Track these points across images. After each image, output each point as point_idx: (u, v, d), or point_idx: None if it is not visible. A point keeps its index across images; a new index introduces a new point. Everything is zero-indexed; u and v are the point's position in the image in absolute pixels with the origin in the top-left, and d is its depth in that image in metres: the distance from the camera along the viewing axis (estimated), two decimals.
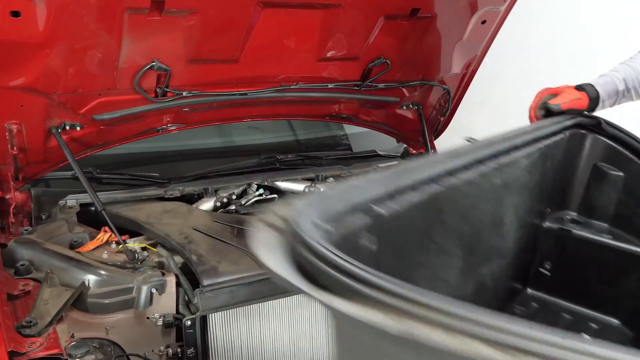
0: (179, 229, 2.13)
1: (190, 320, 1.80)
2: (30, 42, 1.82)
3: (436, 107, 3.04)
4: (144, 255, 2.03)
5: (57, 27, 1.82)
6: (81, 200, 2.32)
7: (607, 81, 2.06)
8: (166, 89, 2.30)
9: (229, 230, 2.20)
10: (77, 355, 1.49)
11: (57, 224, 2.12)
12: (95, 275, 1.84)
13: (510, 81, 4.08)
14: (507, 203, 1.78)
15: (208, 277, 1.88)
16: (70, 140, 2.24)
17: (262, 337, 1.97)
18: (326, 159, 2.99)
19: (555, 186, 2.05)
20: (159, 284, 1.88)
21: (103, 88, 2.20)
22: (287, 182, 2.75)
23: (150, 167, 2.69)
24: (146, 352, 1.91)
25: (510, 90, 4.11)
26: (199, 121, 2.62)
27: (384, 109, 3.04)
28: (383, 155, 3.16)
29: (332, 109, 2.94)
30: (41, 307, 1.64)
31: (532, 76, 3.97)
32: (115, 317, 1.84)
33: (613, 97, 2.07)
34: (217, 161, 2.79)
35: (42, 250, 1.89)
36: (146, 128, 2.49)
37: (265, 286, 1.92)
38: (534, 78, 3.95)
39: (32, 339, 1.49)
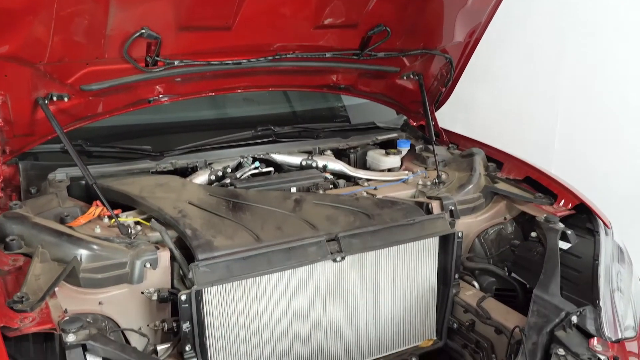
0: (172, 202, 2.14)
1: (185, 294, 1.82)
2: (11, 7, 1.80)
3: (438, 77, 3.02)
4: (137, 229, 2.05)
5: None
6: (71, 174, 2.33)
7: None
8: (157, 58, 2.29)
9: (224, 204, 2.21)
10: (70, 330, 1.50)
11: (46, 198, 2.13)
12: (88, 250, 1.86)
13: (515, 50, 4.06)
14: None
15: (203, 251, 1.90)
16: (58, 112, 2.23)
17: (259, 312, 2.00)
18: (323, 131, 3.00)
19: None
20: (153, 258, 1.90)
21: (91, 57, 2.18)
22: (284, 155, 2.76)
23: (142, 140, 2.68)
24: (141, 327, 1.94)
25: (516, 60, 4.11)
26: (192, 92, 2.61)
27: (383, 79, 3.04)
28: (382, 128, 3.17)
29: (329, 79, 2.94)
30: (33, 282, 1.65)
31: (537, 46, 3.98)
32: (109, 292, 1.87)
33: None
34: (211, 133, 2.79)
35: (32, 224, 1.90)
36: (137, 99, 2.49)
37: (262, 260, 1.94)
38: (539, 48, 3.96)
39: (24, 314, 1.50)
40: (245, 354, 2.01)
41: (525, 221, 2.57)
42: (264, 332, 2.03)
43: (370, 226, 2.15)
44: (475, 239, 2.57)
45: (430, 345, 2.39)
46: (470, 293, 2.39)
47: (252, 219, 2.12)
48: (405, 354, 2.33)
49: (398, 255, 2.23)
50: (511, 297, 2.35)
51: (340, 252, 2.05)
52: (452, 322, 2.38)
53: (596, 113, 3.78)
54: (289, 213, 2.18)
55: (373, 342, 2.28)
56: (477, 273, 2.49)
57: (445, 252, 2.32)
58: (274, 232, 2.05)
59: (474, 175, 2.59)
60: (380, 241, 2.14)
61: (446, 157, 2.88)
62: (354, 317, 2.20)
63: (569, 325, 1.89)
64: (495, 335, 2.21)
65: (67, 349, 1.48)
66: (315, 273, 2.07)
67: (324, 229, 2.10)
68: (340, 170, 2.76)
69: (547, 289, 2.01)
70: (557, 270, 2.08)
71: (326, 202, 2.30)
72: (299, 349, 2.12)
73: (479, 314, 2.27)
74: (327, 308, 2.13)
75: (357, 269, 2.15)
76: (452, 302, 2.37)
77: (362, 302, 2.21)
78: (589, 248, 2.17)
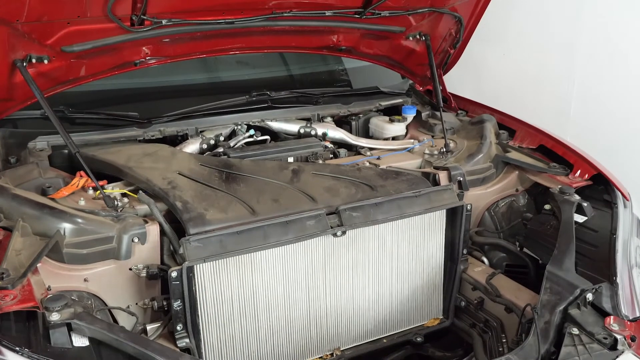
0: (161, 173, 2.13)
1: (176, 271, 1.82)
2: None
3: (446, 38, 2.99)
4: (123, 202, 2.04)
5: None
6: (53, 142, 2.31)
7: None
8: (143, 17, 2.25)
9: (217, 175, 2.20)
10: (54, 309, 1.51)
11: (27, 168, 2.12)
12: (71, 224, 1.85)
13: (529, 8, 4.00)
14: None
15: (195, 225, 1.89)
16: (38, 75, 2.21)
17: (255, 290, 2.01)
18: (323, 96, 2.97)
19: None
20: (141, 232, 1.90)
21: (72, 15, 2.15)
22: (281, 122, 2.75)
23: (128, 106, 2.67)
24: (129, 305, 1.95)
25: (529, 19, 4.05)
26: (181, 54, 2.58)
27: (387, 40, 3.00)
28: (386, 93, 3.14)
29: (329, 40, 2.90)
30: (13, 257, 1.65)
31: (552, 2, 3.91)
32: (95, 269, 1.87)
33: None
34: (202, 99, 2.77)
35: (12, 196, 1.89)
36: (122, 61, 2.46)
37: (257, 235, 1.94)
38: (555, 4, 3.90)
39: (4, 292, 1.50)
40: (240, 333, 2.02)
41: (538, 193, 2.56)
42: (259, 311, 2.04)
43: (373, 198, 2.14)
44: (485, 212, 2.57)
45: (437, 325, 2.41)
46: (479, 269, 2.40)
47: (247, 190, 2.11)
48: (410, 333, 2.35)
49: (403, 229, 2.23)
50: (523, 273, 2.36)
51: (340, 226, 2.05)
52: (459, 300, 2.39)
53: (617, 76, 3.74)
54: (286, 184, 2.17)
55: (376, 322, 2.29)
56: (487, 248, 2.50)
57: (453, 226, 2.32)
58: (270, 204, 2.04)
59: (484, 144, 2.57)
60: (383, 214, 2.13)
61: (454, 125, 2.86)
62: (356, 295, 2.21)
63: (583, 303, 1.90)
64: (505, 314, 2.22)
65: (51, 328, 1.49)
66: (314, 248, 2.07)
67: (324, 202, 2.09)
68: (341, 138, 2.74)
69: (561, 265, 2.02)
70: (572, 245, 2.08)
71: (326, 172, 2.29)
72: (297, 328, 2.13)
73: (488, 291, 2.28)
74: (327, 286, 2.14)
75: (359, 244, 2.15)
76: (459, 279, 2.38)
77: (364, 279, 2.21)
78: (606, 221, 2.17)
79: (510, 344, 2.13)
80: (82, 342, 1.51)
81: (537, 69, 4.12)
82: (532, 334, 1.87)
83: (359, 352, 2.25)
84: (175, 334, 1.87)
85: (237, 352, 2.04)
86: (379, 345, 2.30)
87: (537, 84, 4.14)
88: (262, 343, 2.07)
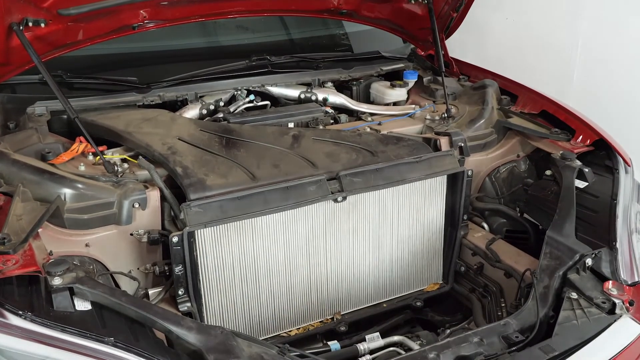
0: (161, 138, 2.12)
1: (177, 236, 1.82)
2: None
3: (449, 1, 2.94)
4: (123, 167, 2.03)
5: None
6: (51, 107, 2.30)
7: None
8: None
9: (217, 140, 2.19)
10: (56, 273, 1.51)
11: (26, 133, 2.11)
12: (72, 189, 1.85)
13: None
14: None
15: (195, 190, 1.89)
16: (35, 39, 2.18)
17: (255, 255, 2.02)
18: (324, 61, 2.95)
19: None
20: (142, 198, 1.90)
21: None
22: (281, 87, 2.73)
23: (127, 71, 2.64)
24: (131, 270, 1.96)
25: None
26: (180, 17, 2.55)
27: (389, 3, 2.95)
28: (387, 57, 3.11)
29: (330, 3, 2.85)
30: (14, 222, 1.65)
31: None
32: (96, 234, 1.88)
33: None
34: (201, 64, 2.74)
35: (12, 162, 1.88)
36: (120, 25, 2.43)
37: (258, 200, 1.94)
38: None
39: (6, 256, 1.51)
40: (241, 298, 2.04)
41: (539, 158, 2.56)
42: (260, 276, 2.05)
43: (373, 164, 2.13)
44: (486, 178, 2.57)
45: (436, 290, 2.43)
46: (479, 235, 2.41)
47: (247, 156, 2.10)
48: (410, 298, 2.37)
49: (403, 195, 2.23)
50: (523, 239, 2.37)
51: (341, 191, 2.05)
52: (459, 265, 2.41)
53: (622, 40, 3.69)
54: (287, 150, 2.16)
55: (376, 286, 2.31)
56: (487, 214, 2.50)
57: (454, 191, 2.32)
58: (270, 170, 2.04)
59: (485, 109, 2.56)
60: (384, 180, 2.13)
61: (456, 90, 2.84)
62: (356, 260, 2.22)
63: (583, 268, 1.91)
64: (504, 279, 2.24)
65: (53, 293, 1.50)
66: (314, 214, 2.07)
67: (324, 167, 2.09)
68: (342, 103, 2.72)
69: (561, 230, 2.02)
70: (573, 210, 2.09)
71: (326, 138, 2.27)
72: (297, 293, 2.15)
73: (488, 256, 2.29)
74: (328, 251, 2.15)
75: (360, 209, 2.16)
76: (459, 244, 2.39)
77: (365, 245, 2.22)
78: (607, 187, 2.17)
79: (509, 309, 2.15)
80: (85, 306, 1.52)
81: (540, 34, 4.07)
82: (531, 298, 1.88)
83: (359, 317, 2.28)
84: (177, 298, 1.89)
85: (238, 316, 2.06)
86: (379, 309, 2.32)
87: (540, 49, 4.09)
88: (263, 308, 2.09)
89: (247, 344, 1.58)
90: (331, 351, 2.03)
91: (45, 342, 1.36)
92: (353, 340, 2.09)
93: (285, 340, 2.11)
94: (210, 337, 1.54)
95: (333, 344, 2.06)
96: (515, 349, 1.74)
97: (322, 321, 2.23)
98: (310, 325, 2.21)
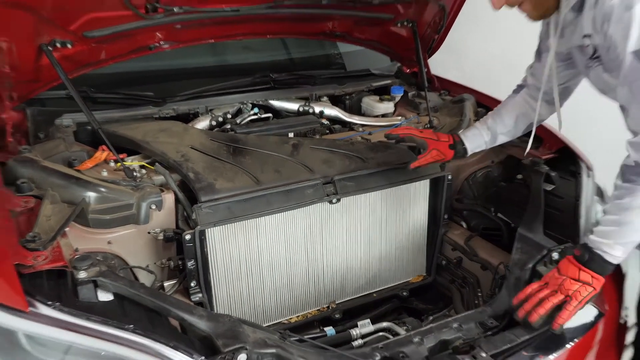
0: (175, 147, 2.12)
1: (189, 234, 1.82)
2: None
3: (431, 25, 2.94)
4: (142, 173, 2.03)
5: None
6: (77, 119, 2.29)
7: (475, 134, 2.16)
8: (157, 5, 2.21)
9: (225, 149, 2.19)
10: (82, 267, 1.51)
11: (54, 142, 2.10)
12: (95, 192, 1.84)
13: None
14: None
15: (205, 193, 1.89)
16: (62, 58, 2.17)
17: (259, 251, 2.01)
18: (320, 77, 2.94)
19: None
20: (158, 200, 1.89)
21: (92, 3, 2.11)
22: (282, 101, 2.72)
23: (144, 87, 2.63)
24: (148, 264, 1.95)
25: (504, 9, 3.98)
26: (192, 39, 2.54)
27: (378, 26, 2.95)
28: (376, 75, 3.11)
29: (326, 26, 2.85)
30: (44, 222, 1.64)
31: None
32: (117, 232, 1.87)
33: (481, 147, 2.19)
34: (211, 80, 2.73)
35: (41, 168, 1.87)
36: (138, 46, 2.42)
37: (261, 202, 1.94)
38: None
39: (37, 253, 1.50)
40: (247, 289, 2.04)
41: (511, 164, 2.55)
42: (264, 269, 2.05)
43: (364, 169, 2.13)
44: (464, 181, 2.57)
45: (421, 281, 2.43)
46: (459, 232, 2.41)
47: (252, 162, 2.10)
48: (397, 288, 2.37)
49: (391, 196, 2.23)
50: (497, 235, 2.37)
51: (335, 194, 2.05)
52: (441, 259, 2.41)
53: None
54: (287, 157, 2.16)
55: (367, 278, 2.31)
56: (465, 213, 2.50)
57: (436, 193, 2.33)
58: (272, 175, 2.04)
59: (464, 121, 2.56)
60: (373, 183, 2.13)
61: (438, 103, 2.84)
62: (349, 255, 2.22)
63: (549, 261, 1.91)
64: (481, 271, 2.24)
65: (79, 285, 1.49)
66: (312, 214, 2.07)
67: (321, 172, 2.08)
68: (336, 116, 2.72)
69: (531, 228, 2.02)
70: (541, 210, 2.09)
71: (322, 146, 2.27)
72: (297, 285, 2.15)
73: (466, 251, 2.29)
74: (324, 247, 2.15)
75: (352, 210, 2.16)
76: (441, 240, 2.39)
77: (357, 241, 2.22)
78: (571, 189, 2.17)
79: (484, 297, 2.15)
80: (107, 297, 1.51)
81: (511, 54, 4.06)
82: (504, 288, 1.89)
83: (352, 305, 2.28)
84: (190, 290, 1.89)
85: (244, 305, 2.05)
86: (370, 299, 2.32)
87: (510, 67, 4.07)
88: (266, 297, 2.09)
89: (252, 330, 1.58)
90: (327, 336, 2.03)
91: (71, 329, 1.35)
92: (347, 326, 2.09)
93: (286, 326, 2.11)
94: (219, 324, 1.53)
95: (329, 329, 2.06)
96: (490, 333, 1.74)
97: (319, 309, 2.23)
98: (308, 313, 2.20)
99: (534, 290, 1.73)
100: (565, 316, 1.67)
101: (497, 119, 2.14)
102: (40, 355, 1.36)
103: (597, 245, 1.65)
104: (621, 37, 1.49)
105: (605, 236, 1.64)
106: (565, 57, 1.93)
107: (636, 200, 1.56)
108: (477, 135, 2.15)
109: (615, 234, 1.62)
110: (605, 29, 1.54)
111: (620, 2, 1.47)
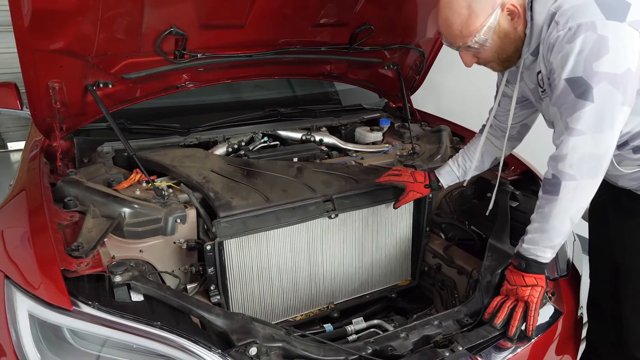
0: (197, 170, 2.13)
1: (209, 245, 1.82)
2: (64, 9, 1.75)
3: (413, 67, 2.98)
4: (169, 192, 2.03)
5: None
6: (115, 147, 2.30)
7: (448, 171, 2.15)
8: (183, 52, 2.25)
9: (240, 172, 2.20)
10: (117, 272, 1.51)
11: (96, 166, 2.11)
12: (130, 208, 1.85)
13: None
14: None
15: (224, 210, 1.89)
16: (104, 96, 2.20)
17: (269, 258, 2.01)
18: (319, 111, 2.95)
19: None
20: (182, 215, 1.90)
21: (129, 51, 2.14)
22: (287, 131, 2.74)
23: (172, 119, 2.65)
24: (174, 270, 1.95)
25: None
26: (212, 79, 2.57)
27: (368, 68, 2.99)
28: (367, 109, 3.13)
29: (324, 68, 2.88)
30: (86, 234, 1.65)
31: None
32: (147, 242, 1.87)
33: (455, 181, 2.17)
34: (228, 114, 2.75)
35: (85, 188, 1.89)
36: (167, 85, 2.45)
37: (271, 217, 1.94)
38: None
39: (80, 260, 1.50)
40: (258, 291, 2.03)
41: (482, 184, 2.56)
42: (273, 274, 2.04)
43: (358, 189, 2.14)
44: (442, 199, 2.57)
45: (406, 284, 2.42)
46: (438, 242, 2.41)
47: (263, 183, 2.11)
48: (386, 291, 2.36)
49: (381, 212, 2.23)
50: (470, 245, 2.37)
51: (334, 210, 2.05)
52: (423, 265, 2.40)
53: None
54: (292, 178, 2.17)
55: (360, 282, 2.30)
56: (444, 226, 2.50)
57: (419, 210, 2.33)
58: (280, 194, 2.04)
59: (441, 147, 2.57)
60: (366, 201, 2.13)
61: (419, 133, 2.86)
62: (345, 262, 2.22)
63: None
64: (457, 276, 2.23)
65: (115, 287, 1.49)
66: (313, 227, 2.07)
67: (321, 192, 2.09)
68: (334, 143, 2.74)
69: (500, 239, 2.03)
70: (507, 223, 2.09)
71: (322, 169, 2.28)
72: (300, 287, 2.14)
73: (444, 259, 2.29)
74: (324, 255, 2.15)
75: (348, 223, 2.16)
76: (424, 249, 2.39)
77: (352, 250, 2.22)
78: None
79: (461, 298, 2.14)
80: (138, 297, 1.51)
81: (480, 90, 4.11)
82: (477, 290, 1.88)
83: (348, 305, 2.26)
84: (209, 292, 1.88)
85: (255, 305, 2.04)
86: (363, 300, 2.31)
87: (480, 102, 4.12)
88: (274, 298, 2.08)
89: (261, 327, 1.57)
90: (326, 332, 2.01)
91: (108, 325, 1.35)
92: (343, 323, 2.08)
93: (291, 323, 2.10)
94: (233, 322, 1.53)
95: (328, 326, 2.05)
96: (466, 329, 1.73)
97: (320, 309, 2.21)
98: (310, 312, 2.19)
99: (498, 303, 1.73)
100: (532, 322, 1.67)
101: (467, 157, 2.14)
102: (81, 348, 1.36)
103: (529, 252, 1.66)
104: (559, 65, 1.48)
105: (534, 243, 1.64)
106: (522, 100, 1.95)
107: (554, 208, 1.56)
108: (450, 172, 2.15)
109: (541, 240, 1.62)
110: (548, 57, 1.53)
111: (564, 35, 1.45)
